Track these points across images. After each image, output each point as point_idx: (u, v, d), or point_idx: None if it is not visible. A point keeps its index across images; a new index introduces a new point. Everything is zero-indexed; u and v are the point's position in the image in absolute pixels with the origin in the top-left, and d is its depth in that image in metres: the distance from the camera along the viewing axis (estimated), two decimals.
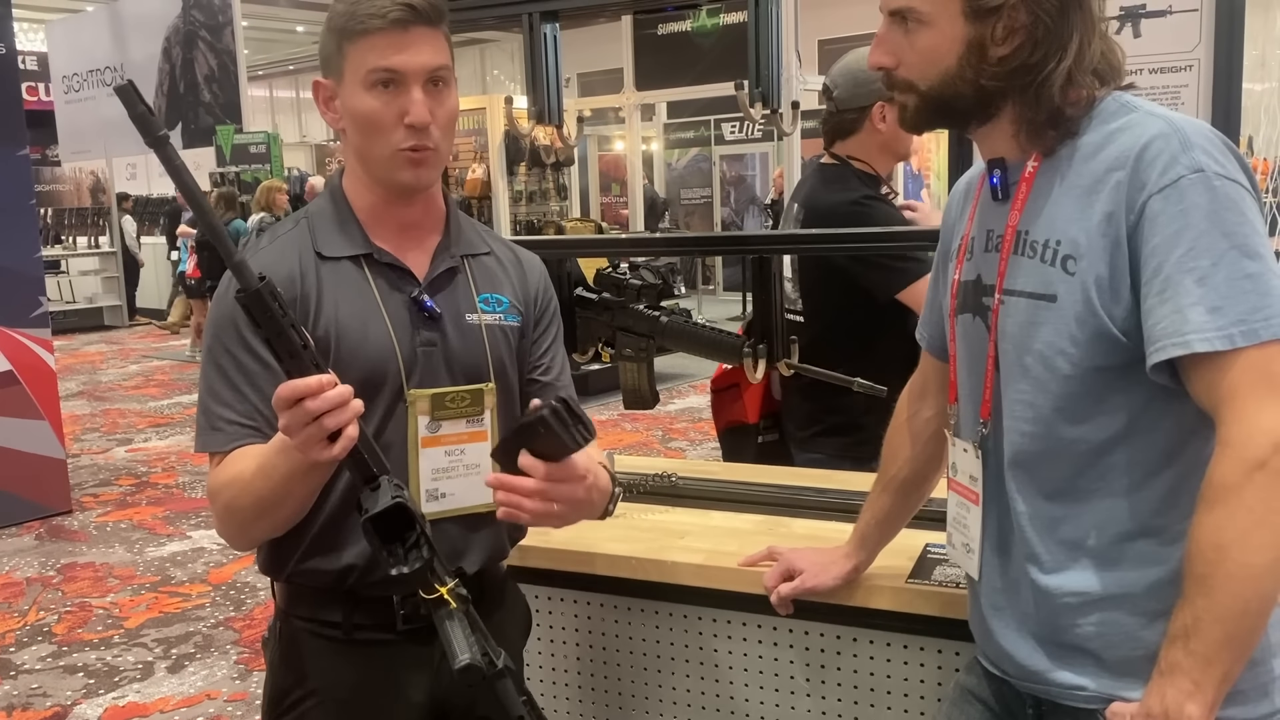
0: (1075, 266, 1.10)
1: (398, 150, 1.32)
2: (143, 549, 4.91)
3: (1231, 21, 1.57)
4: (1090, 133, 1.13)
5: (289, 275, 1.34)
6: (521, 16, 1.99)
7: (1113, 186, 1.08)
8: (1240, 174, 1.07)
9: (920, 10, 1.13)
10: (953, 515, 1.31)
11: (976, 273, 1.24)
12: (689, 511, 1.95)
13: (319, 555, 1.37)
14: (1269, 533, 0.99)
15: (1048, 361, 1.13)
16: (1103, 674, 1.15)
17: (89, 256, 13.74)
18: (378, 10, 1.28)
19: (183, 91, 12.54)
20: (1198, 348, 1.02)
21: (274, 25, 19.60)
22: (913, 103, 1.18)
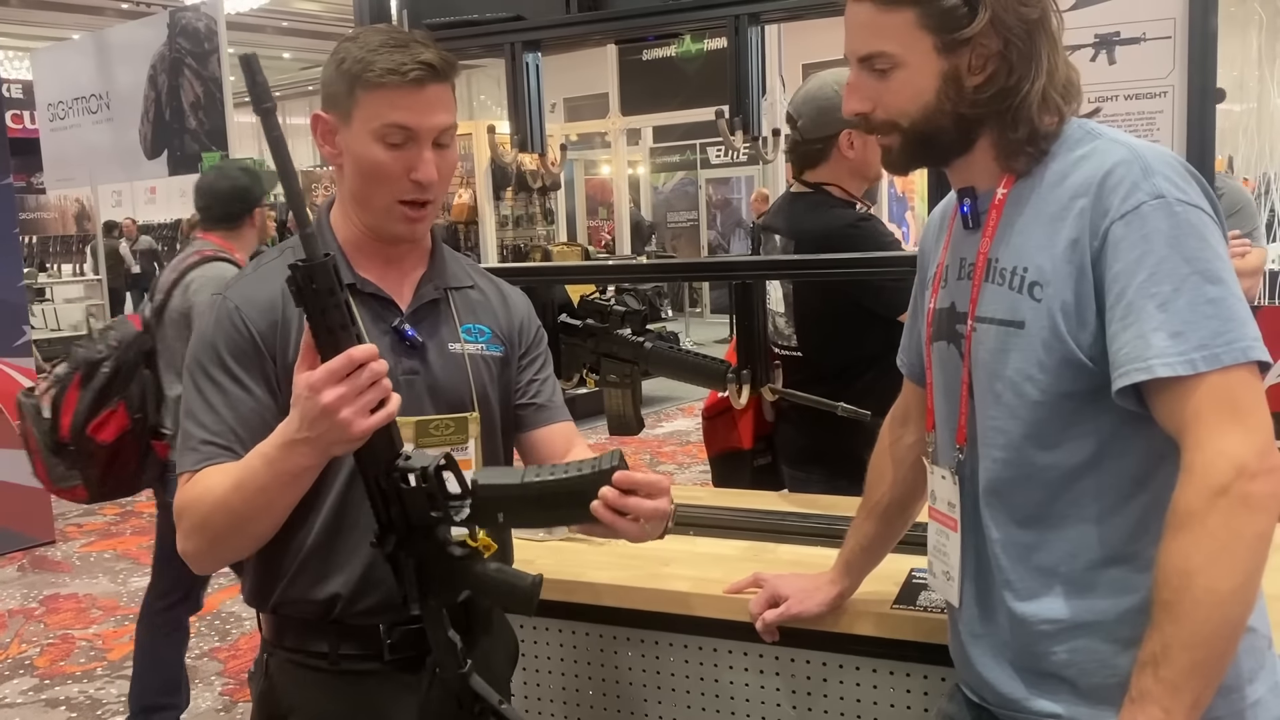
0: (1042, 293, 1.11)
1: (397, 201, 1.34)
2: (127, 579, 4.86)
3: (1205, 47, 1.59)
4: (1056, 160, 1.15)
5: (269, 302, 1.35)
6: (504, 46, 2.01)
7: (1077, 213, 1.09)
8: (1203, 200, 1.08)
9: (892, 53, 1.14)
10: (933, 543, 1.31)
11: (950, 300, 1.25)
12: (674, 538, 1.93)
13: (304, 585, 1.36)
14: (1233, 558, 0.99)
15: (1017, 388, 1.14)
16: (1078, 701, 1.15)
17: (74, 284, 13.69)
18: (396, 66, 1.29)
19: (168, 119, 12.44)
20: (1160, 372, 1.02)
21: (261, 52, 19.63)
22: (897, 143, 1.19)
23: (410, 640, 1.39)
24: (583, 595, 1.74)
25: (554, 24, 1.97)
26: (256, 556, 1.38)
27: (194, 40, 12.22)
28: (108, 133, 13.16)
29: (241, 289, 1.38)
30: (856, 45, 1.17)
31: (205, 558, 1.34)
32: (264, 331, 1.34)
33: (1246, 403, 1.02)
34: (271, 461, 1.22)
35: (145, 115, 12.80)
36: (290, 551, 1.36)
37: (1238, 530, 0.99)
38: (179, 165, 12.47)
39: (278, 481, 1.22)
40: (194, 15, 12.23)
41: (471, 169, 9.14)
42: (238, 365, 1.33)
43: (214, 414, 1.32)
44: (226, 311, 1.35)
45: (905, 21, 1.12)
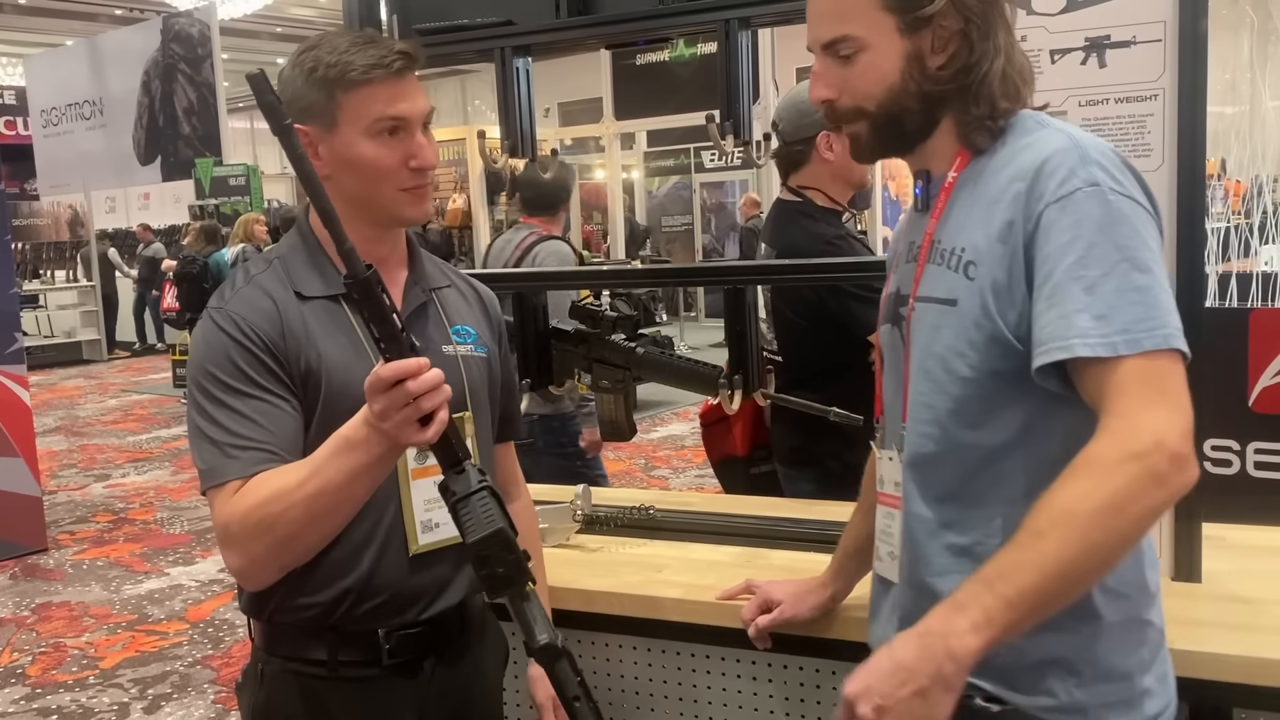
0: (975, 272, 1.13)
1: (401, 190, 1.35)
2: (119, 587, 4.84)
3: (1195, 51, 1.58)
4: (1005, 146, 1.17)
5: (270, 311, 1.34)
6: (494, 50, 2.00)
7: (1013, 196, 1.11)
8: (1138, 192, 1.10)
9: (857, 36, 1.15)
10: (880, 527, 1.31)
11: (897, 285, 1.28)
12: (668, 544, 1.94)
13: (305, 591, 1.36)
14: (1121, 520, 1.00)
15: (946, 364, 1.16)
16: (982, 676, 1.14)
17: (67, 290, 13.66)
18: (378, 61, 1.30)
19: (162, 125, 12.49)
20: (1080, 352, 1.04)
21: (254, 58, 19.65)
22: (864, 128, 1.20)
23: (409, 645, 1.39)
24: (575, 602, 1.73)
25: (544, 28, 1.96)
26: None
27: (187, 46, 12.26)
28: (101, 139, 13.21)
29: (238, 303, 1.35)
30: (820, 32, 1.18)
31: (264, 567, 1.28)
32: (274, 339, 1.32)
33: (1171, 386, 1.03)
34: (344, 452, 1.19)
35: (139, 121, 12.86)
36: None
37: (1137, 497, 0.99)
38: (173, 171, 12.53)
39: (360, 468, 1.19)
40: (187, 21, 12.29)
41: (466, 174, 9.14)
42: (256, 373, 1.31)
43: (250, 422, 1.29)
44: (233, 323, 1.33)
45: (867, 4, 1.14)
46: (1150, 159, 1.62)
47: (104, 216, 14.04)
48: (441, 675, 1.44)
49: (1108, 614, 1.15)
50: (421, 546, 1.39)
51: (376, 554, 1.36)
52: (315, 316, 1.36)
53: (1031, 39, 1.66)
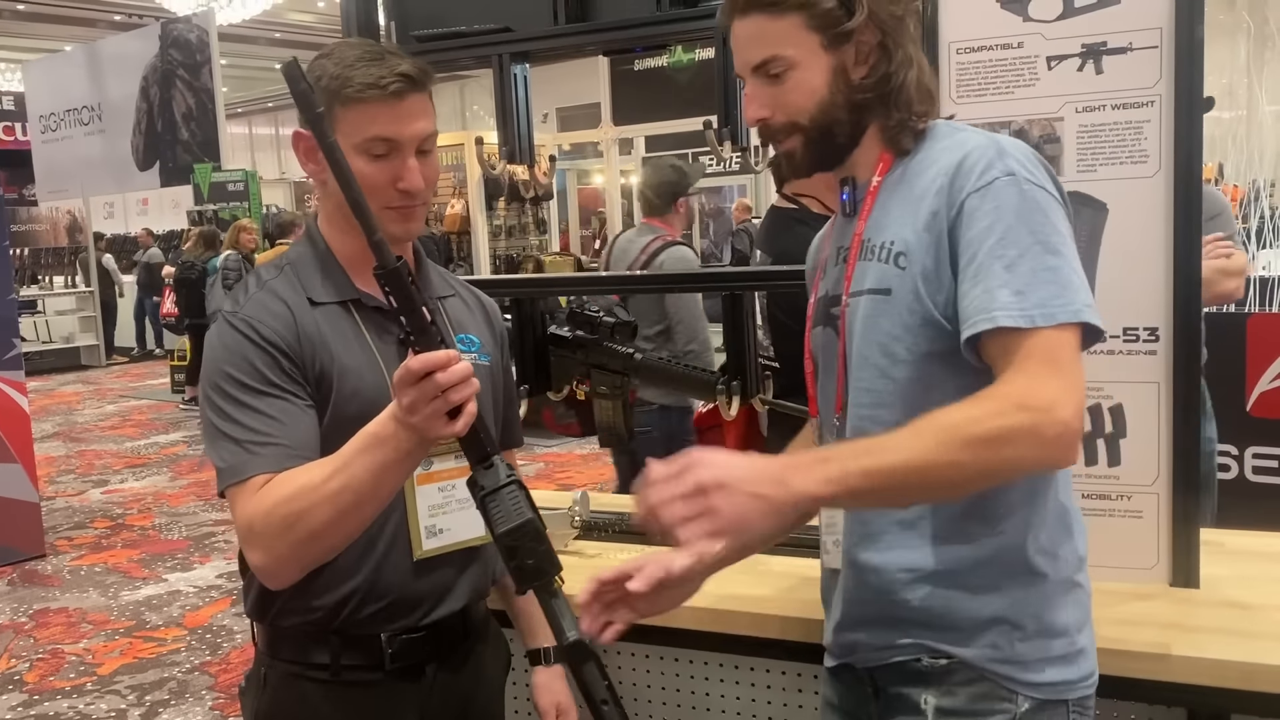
0: (906, 262, 1.21)
1: (386, 208, 1.34)
2: (117, 593, 4.84)
3: (1191, 57, 1.58)
4: (922, 152, 1.26)
5: (285, 317, 1.34)
6: (492, 57, 2.00)
7: (937, 190, 1.20)
8: (1049, 184, 1.19)
9: (785, 55, 1.23)
10: (825, 520, 1.36)
11: (825, 289, 1.35)
12: (665, 550, 1.93)
13: (311, 593, 1.36)
14: (990, 455, 1.06)
15: (886, 349, 1.22)
16: (933, 638, 1.23)
17: (65, 296, 13.66)
18: (375, 80, 1.29)
19: (160, 130, 12.50)
20: (1002, 322, 1.11)
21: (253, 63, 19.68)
22: (799, 142, 1.27)
23: (411, 649, 1.40)
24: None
25: (542, 35, 1.97)
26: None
27: (186, 52, 12.27)
28: (99, 144, 13.21)
29: (253, 307, 1.35)
30: (750, 56, 1.25)
31: (288, 565, 1.25)
32: (289, 341, 1.33)
33: (1069, 360, 1.11)
34: (373, 448, 1.18)
35: (137, 127, 12.86)
36: None
37: (1014, 441, 1.06)
38: (171, 176, 12.52)
39: (390, 461, 1.18)
40: (186, 27, 12.31)
41: (464, 179, 9.14)
42: (274, 374, 1.31)
43: (270, 420, 1.28)
44: (249, 326, 1.33)
45: (793, 25, 1.22)
46: (1147, 165, 1.62)
47: (102, 222, 14.04)
48: (443, 680, 1.44)
49: (1046, 571, 1.23)
50: (425, 552, 1.40)
51: (380, 558, 1.37)
52: (327, 321, 1.37)
53: (1028, 45, 1.66)
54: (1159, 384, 1.65)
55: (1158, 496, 1.66)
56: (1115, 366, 1.66)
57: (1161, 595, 1.64)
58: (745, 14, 1.24)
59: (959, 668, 1.22)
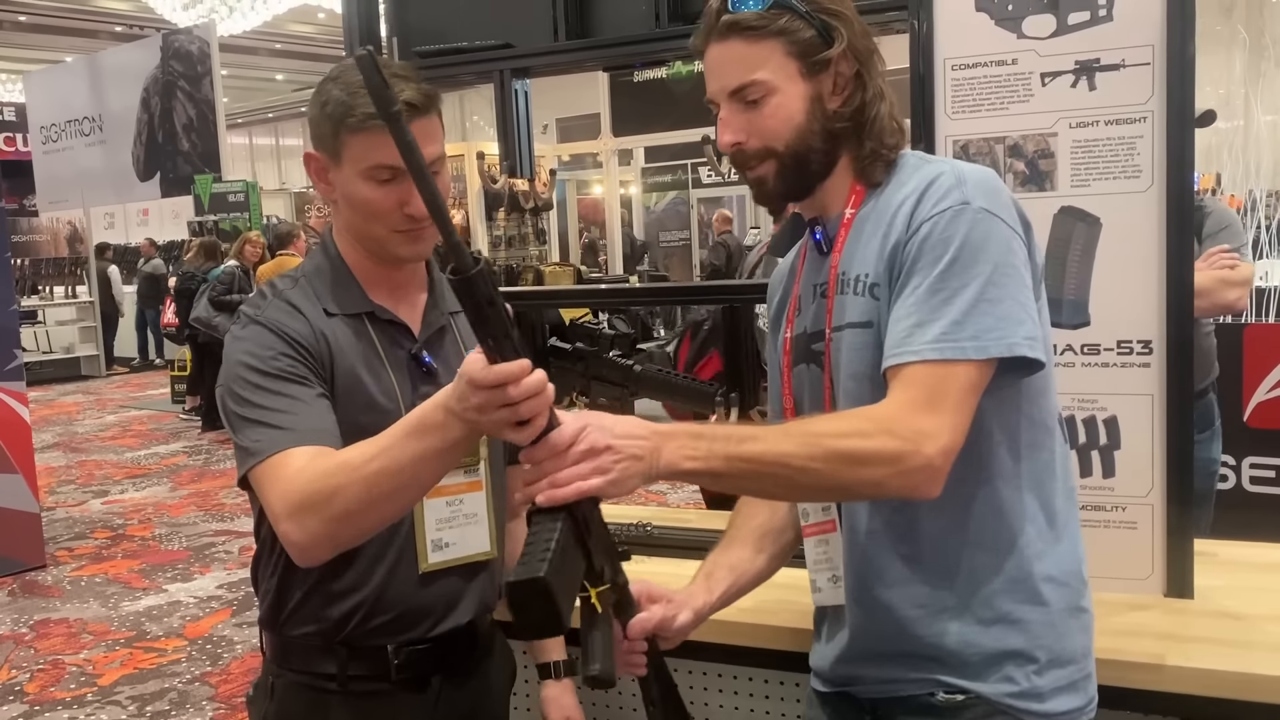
0: (880, 293, 1.21)
1: (394, 231, 1.36)
2: (118, 603, 4.84)
3: (1183, 74, 1.61)
4: (893, 183, 1.26)
5: (306, 330, 1.35)
6: (494, 73, 2.03)
7: (900, 220, 1.20)
8: (1005, 213, 1.18)
9: (764, 81, 1.22)
10: (814, 558, 1.34)
11: (804, 326, 1.33)
12: (665, 561, 1.95)
13: (318, 604, 1.39)
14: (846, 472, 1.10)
15: (874, 381, 1.20)
16: (946, 673, 1.23)
17: (66, 306, 13.68)
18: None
19: (161, 141, 12.56)
20: (928, 356, 1.12)
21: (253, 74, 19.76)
22: (771, 169, 1.25)
23: (417, 661, 1.42)
24: (573, 619, 1.74)
25: (542, 51, 1.99)
26: (274, 576, 1.40)
27: (187, 63, 12.32)
28: (100, 155, 13.26)
29: (273, 311, 1.36)
30: (727, 80, 1.24)
31: (320, 543, 1.22)
32: (311, 342, 1.34)
33: (954, 395, 1.11)
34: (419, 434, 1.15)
35: (138, 138, 12.91)
36: (306, 572, 1.37)
37: (871, 462, 1.09)
38: (171, 187, 12.57)
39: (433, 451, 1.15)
40: (187, 38, 12.36)
41: (464, 190, 9.18)
42: (298, 369, 1.32)
43: (301, 404, 1.29)
44: (276, 326, 1.34)
45: (773, 50, 1.22)
46: (1140, 180, 1.64)
47: (103, 232, 14.06)
48: (449, 691, 1.46)
49: (1054, 601, 1.22)
50: (431, 565, 1.41)
51: (388, 570, 1.39)
52: (343, 333, 1.39)
53: (1022, 62, 1.68)
54: (1153, 396, 1.66)
55: (1152, 508, 1.68)
56: (1109, 379, 1.68)
57: (1156, 606, 1.65)
58: (724, 38, 1.23)
59: (975, 702, 1.21)
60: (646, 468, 1.07)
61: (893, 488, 1.11)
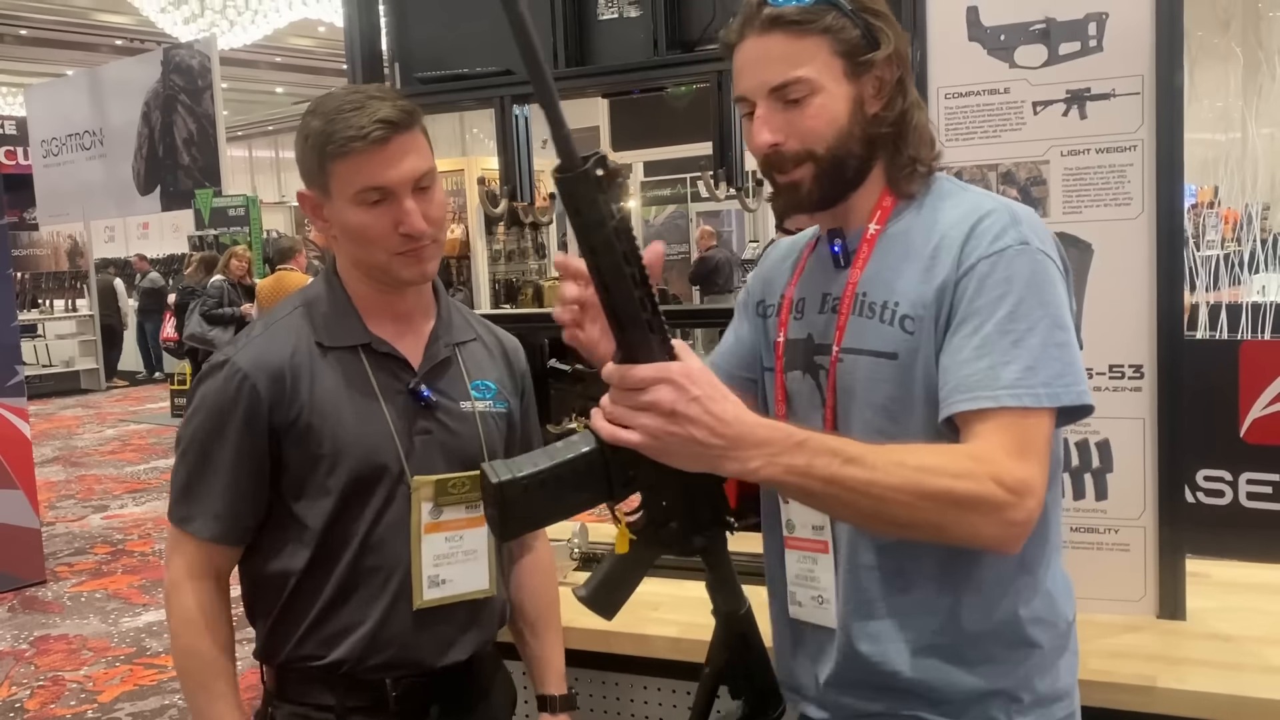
0: (914, 327, 1.16)
1: (394, 254, 1.34)
2: (118, 619, 4.85)
3: (1172, 104, 1.64)
4: (926, 207, 1.21)
5: (278, 367, 1.36)
6: (494, 99, 2.05)
7: (947, 255, 1.16)
8: (1056, 255, 1.17)
9: (809, 79, 1.16)
10: (795, 573, 1.30)
11: (807, 332, 1.27)
12: (663, 582, 1.96)
13: (315, 643, 1.39)
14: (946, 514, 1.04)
15: (891, 415, 1.18)
16: (926, 708, 1.21)
17: (66, 320, 13.70)
18: (357, 131, 1.28)
19: (161, 155, 12.59)
20: (1007, 403, 1.08)
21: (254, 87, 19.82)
22: (809, 173, 1.18)
23: (416, 693, 1.41)
24: (573, 641, 1.75)
25: None
26: (270, 615, 1.41)
27: (188, 77, 12.37)
28: (101, 169, 13.29)
29: (250, 351, 1.38)
30: (767, 76, 1.17)
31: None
32: (273, 401, 1.35)
33: (1042, 446, 1.08)
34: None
35: (138, 151, 12.94)
36: (303, 610, 1.38)
37: (974, 510, 1.04)
38: (172, 201, 12.60)
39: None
40: (188, 53, 12.40)
41: (464, 205, 9.21)
42: (243, 438, 1.35)
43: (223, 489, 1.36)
44: (239, 377, 1.36)
45: (818, 47, 1.15)
46: (1130, 207, 1.67)
47: (103, 246, 14.09)
48: None
49: (1043, 642, 1.21)
50: (426, 602, 1.40)
51: (385, 608, 1.38)
52: (332, 367, 1.38)
53: (1014, 91, 1.72)
54: (1144, 419, 1.69)
55: (1144, 530, 1.70)
56: (1102, 403, 1.68)
57: (1149, 627, 1.67)
58: (765, 32, 1.16)
59: None
60: (714, 457, 0.99)
61: (987, 536, 1.06)
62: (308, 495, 1.37)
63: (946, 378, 1.12)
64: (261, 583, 1.42)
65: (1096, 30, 1.66)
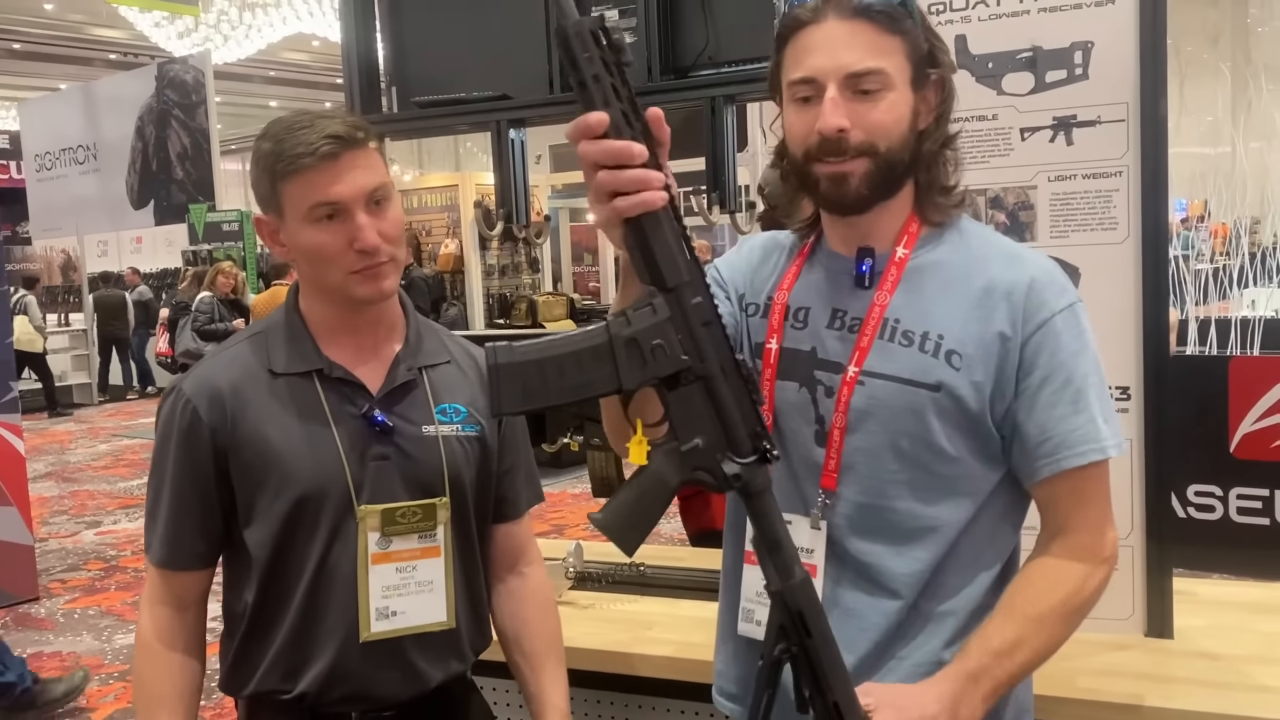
0: (961, 363, 1.18)
1: (350, 273, 1.32)
2: (111, 636, 4.84)
3: (1156, 131, 1.66)
4: (957, 240, 1.24)
5: (219, 390, 1.35)
6: (490, 123, 2.08)
7: (1006, 304, 1.19)
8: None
9: (888, 74, 1.15)
10: (757, 589, 1.23)
11: (810, 345, 1.25)
12: (658, 601, 1.98)
13: (276, 678, 1.37)
14: (1081, 618, 1.18)
15: (929, 443, 1.18)
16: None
17: (59, 334, 13.68)
18: (306, 148, 1.27)
19: (155, 169, 12.60)
20: (1111, 454, 1.18)
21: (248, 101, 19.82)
22: (864, 168, 1.16)
23: None
24: (567, 660, 1.76)
25: (538, 103, 2.05)
26: (232, 646, 1.40)
27: (181, 92, 12.39)
28: (94, 183, 13.29)
29: (194, 375, 1.39)
30: (850, 60, 1.14)
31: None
32: (217, 424, 1.35)
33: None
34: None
35: (132, 166, 12.95)
36: (265, 641, 1.37)
37: (1097, 594, 1.18)
38: (165, 215, 12.60)
39: None
40: (182, 68, 12.43)
41: (458, 220, 9.25)
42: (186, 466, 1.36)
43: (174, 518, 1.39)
44: (182, 406, 1.36)
45: (897, 48, 1.16)
46: (1116, 231, 1.70)
47: (96, 260, 14.08)
48: None
49: None
50: (374, 634, 1.35)
51: (342, 641, 1.35)
52: (282, 394, 1.36)
53: (1002, 117, 1.74)
54: (1131, 440, 1.71)
55: (1133, 549, 1.72)
56: None
57: (1137, 646, 1.69)
58: (852, 18, 1.15)
59: None
60: None
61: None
62: (256, 522, 1.36)
63: (1048, 432, 1.17)
64: (226, 612, 1.41)
65: (1082, 59, 1.69)
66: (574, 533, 5.87)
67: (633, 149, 0.97)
